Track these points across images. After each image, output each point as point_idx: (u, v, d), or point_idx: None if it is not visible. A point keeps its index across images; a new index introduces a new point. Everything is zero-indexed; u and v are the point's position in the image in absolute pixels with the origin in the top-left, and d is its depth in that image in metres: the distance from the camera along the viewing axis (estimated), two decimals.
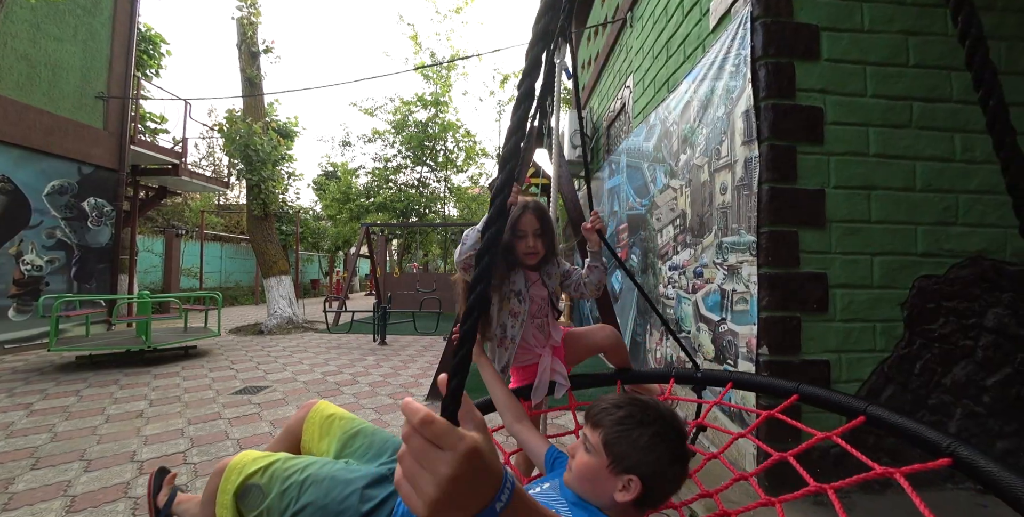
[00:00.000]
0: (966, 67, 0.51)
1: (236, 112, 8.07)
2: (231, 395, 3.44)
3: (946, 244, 1.92)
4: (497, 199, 0.39)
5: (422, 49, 15.16)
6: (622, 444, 0.68)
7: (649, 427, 0.69)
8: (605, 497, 0.68)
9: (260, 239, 7.78)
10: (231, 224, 15.69)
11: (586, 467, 0.70)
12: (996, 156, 0.51)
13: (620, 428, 0.69)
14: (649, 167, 3.35)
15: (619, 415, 0.70)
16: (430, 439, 0.33)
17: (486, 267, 0.39)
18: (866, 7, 1.92)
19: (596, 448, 0.69)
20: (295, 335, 6.85)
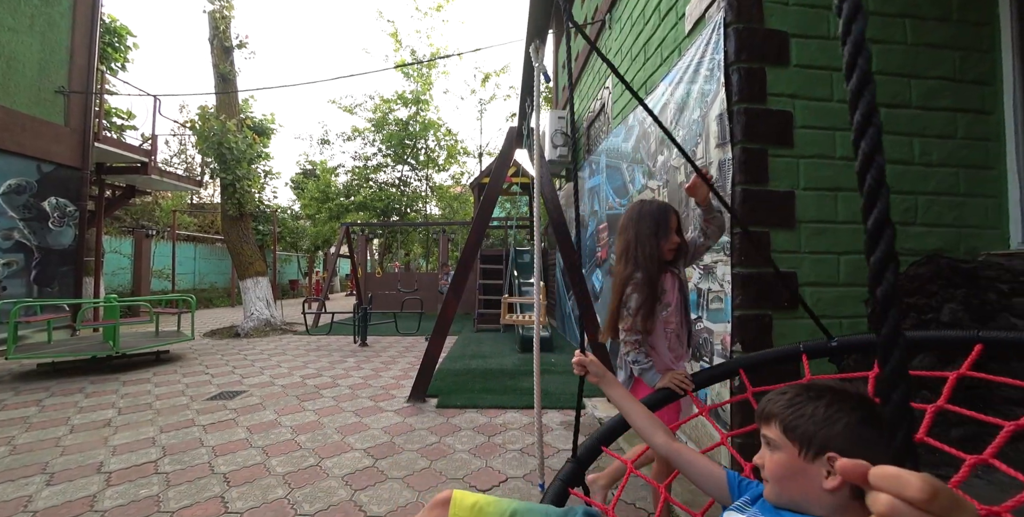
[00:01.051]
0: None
1: (209, 109, 7.82)
2: (206, 401, 3.35)
3: (906, 243, 2.01)
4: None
5: (402, 46, 14.99)
6: (802, 424, 0.62)
7: (821, 398, 0.63)
8: (816, 494, 0.60)
9: (235, 239, 7.56)
10: (205, 224, 15.19)
11: (779, 466, 0.63)
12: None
13: (792, 409, 0.64)
14: (628, 167, 3.40)
15: (786, 398, 0.66)
16: (940, 508, 0.26)
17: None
18: (832, 16, 1.98)
19: (779, 441, 0.64)
20: (273, 337, 6.70)
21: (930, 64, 2.03)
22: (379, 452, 2.40)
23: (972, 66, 2.06)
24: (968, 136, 2.05)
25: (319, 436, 2.63)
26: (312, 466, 2.23)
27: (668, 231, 1.39)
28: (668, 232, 1.39)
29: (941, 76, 2.04)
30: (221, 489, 1.99)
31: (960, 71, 2.05)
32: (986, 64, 2.06)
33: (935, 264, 2.02)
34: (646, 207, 1.44)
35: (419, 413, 3.06)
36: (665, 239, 1.38)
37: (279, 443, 2.52)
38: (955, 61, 2.05)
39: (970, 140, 2.05)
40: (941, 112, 2.04)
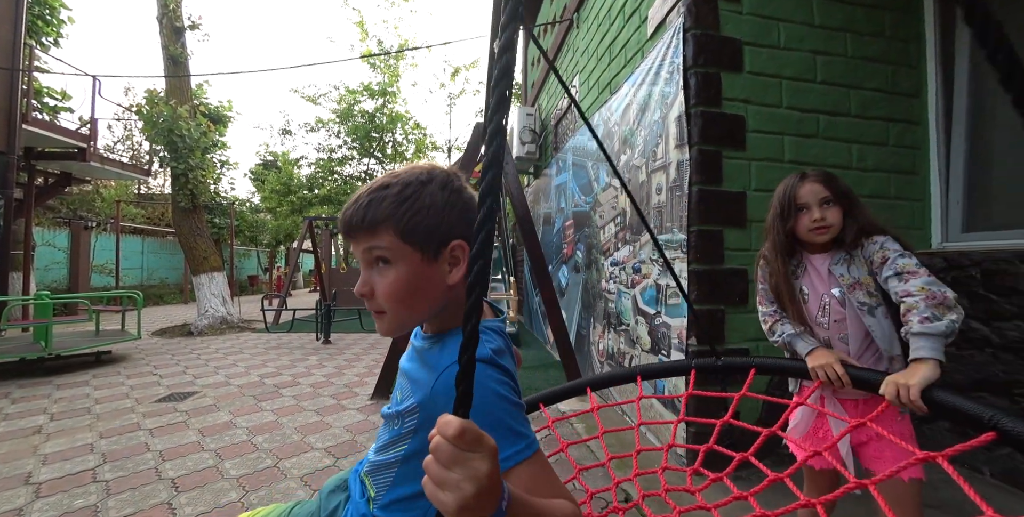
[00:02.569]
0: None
1: (158, 93, 7.31)
2: (153, 403, 3.16)
3: None
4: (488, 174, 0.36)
5: (369, 36, 14.54)
6: (423, 220, 0.54)
7: (427, 185, 0.56)
8: (440, 295, 0.57)
9: (188, 233, 7.14)
10: (154, 216, 14.23)
11: (403, 282, 0.54)
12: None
13: (407, 206, 0.54)
14: (593, 166, 3.47)
15: (392, 195, 0.54)
16: (466, 443, 0.34)
17: (480, 270, 0.35)
18: (782, 27, 2.10)
19: (396, 251, 0.54)
20: (229, 336, 6.39)
21: (867, 76, 2.19)
22: (340, 451, 2.35)
23: (903, 79, 2.24)
24: (898, 144, 2.23)
25: (277, 436, 2.55)
26: (269, 467, 2.15)
27: (802, 207, 1.11)
28: (803, 207, 1.11)
29: (876, 88, 2.20)
30: (168, 495, 1.90)
31: (892, 84, 2.22)
32: (914, 78, 2.25)
33: None
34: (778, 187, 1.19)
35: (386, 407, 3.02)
36: (801, 216, 1.11)
37: (234, 445, 2.42)
38: (888, 74, 2.22)
39: (900, 147, 2.23)
40: (876, 121, 2.21)
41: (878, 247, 1.04)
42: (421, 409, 0.56)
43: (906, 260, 0.98)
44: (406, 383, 0.61)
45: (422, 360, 0.60)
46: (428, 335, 0.62)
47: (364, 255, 0.56)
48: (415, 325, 0.60)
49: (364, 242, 0.55)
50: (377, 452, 0.64)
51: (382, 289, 0.55)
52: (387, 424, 0.63)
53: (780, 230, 1.14)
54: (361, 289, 0.56)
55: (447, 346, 0.57)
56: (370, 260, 0.56)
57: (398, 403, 0.61)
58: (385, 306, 0.55)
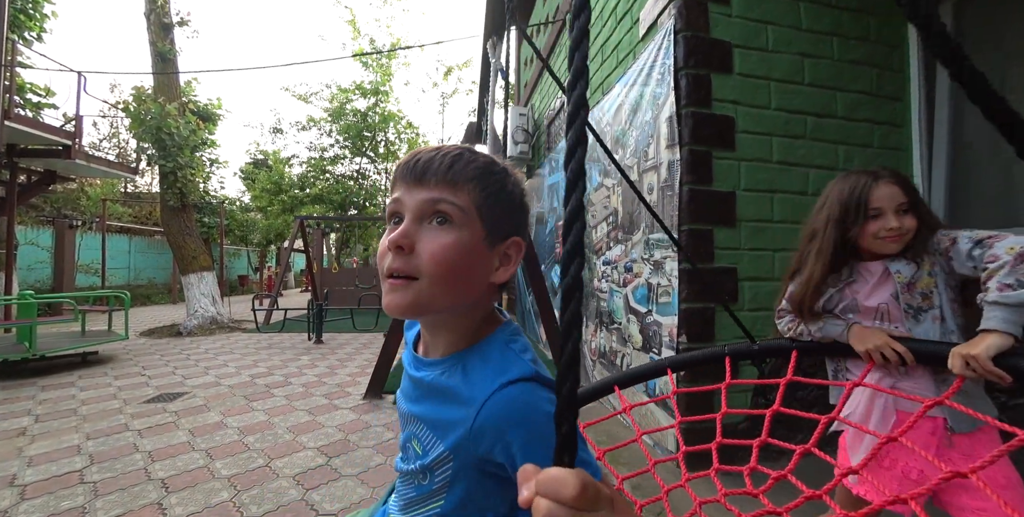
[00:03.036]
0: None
1: (145, 90, 7.20)
2: (142, 404, 3.12)
3: None
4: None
5: (361, 35, 14.46)
6: (501, 202, 0.50)
7: (509, 175, 0.52)
8: (478, 290, 0.49)
9: (177, 232, 7.04)
10: (142, 215, 14.00)
11: (458, 250, 0.46)
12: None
13: (495, 180, 0.49)
14: (585, 165, 3.49)
15: (481, 163, 0.49)
16: (589, 502, 0.25)
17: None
18: (770, 29, 2.14)
19: (466, 215, 0.47)
20: (220, 336, 6.32)
21: (852, 79, 2.24)
22: (333, 450, 2.35)
23: (887, 83, 2.29)
24: (883, 146, 2.28)
25: (269, 436, 2.53)
26: (261, 467, 2.14)
27: (876, 212, 0.96)
28: (876, 214, 0.96)
29: (861, 90, 2.25)
30: (158, 495, 1.88)
31: (877, 87, 2.27)
32: (898, 82, 2.30)
33: None
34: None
35: (375, 410, 3.01)
36: (871, 223, 0.97)
37: (225, 445, 2.40)
38: (873, 78, 2.27)
39: (885, 149, 2.28)
40: (862, 123, 2.26)
41: (945, 237, 0.91)
42: (456, 455, 0.47)
43: (979, 231, 0.87)
44: (423, 429, 0.52)
45: (440, 394, 0.50)
46: (436, 360, 0.52)
47: (423, 205, 0.46)
48: (435, 310, 0.47)
49: (435, 191, 0.46)
50: (403, 511, 0.55)
51: (432, 247, 0.45)
52: (408, 479, 0.54)
53: (834, 236, 0.99)
54: (402, 239, 0.44)
55: (474, 369, 0.48)
56: (428, 212, 0.46)
57: (420, 456, 0.51)
58: (424, 269, 0.44)
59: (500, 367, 0.47)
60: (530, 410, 0.43)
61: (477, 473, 0.47)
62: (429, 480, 0.51)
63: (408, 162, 0.48)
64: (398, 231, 0.45)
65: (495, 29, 2.72)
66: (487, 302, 0.51)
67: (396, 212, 0.48)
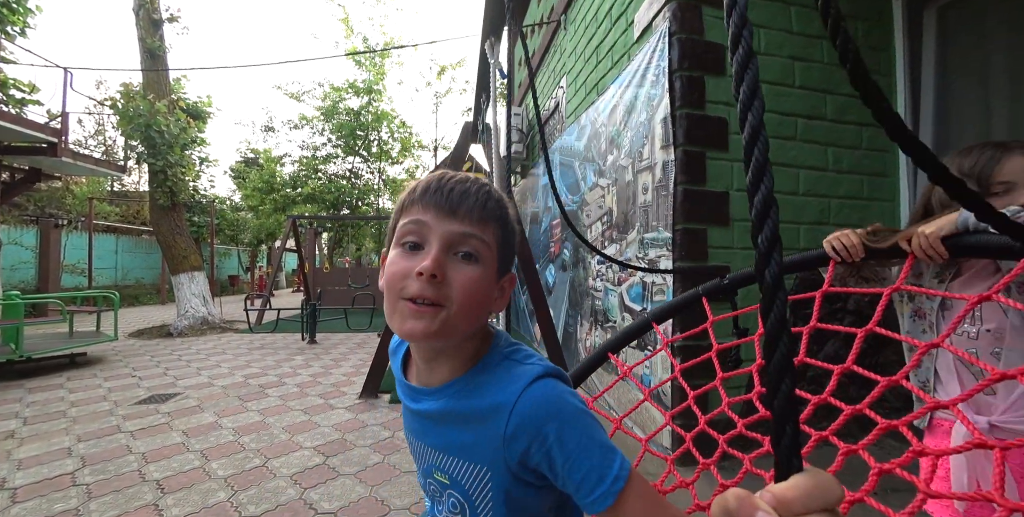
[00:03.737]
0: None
1: (134, 87, 7.09)
2: (133, 405, 3.08)
3: (821, 241, 2.26)
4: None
5: (354, 33, 14.37)
6: (510, 238, 0.52)
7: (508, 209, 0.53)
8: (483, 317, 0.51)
9: (166, 231, 6.95)
10: (129, 214, 13.77)
11: (479, 283, 0.48)
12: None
13: (509, 216, 0.52)
14: (580, 165, 3.52)
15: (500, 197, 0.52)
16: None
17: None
18: (762, 33, 2.18)
19: (489, 251, 0.49)
20: (211, 336, 6.25)
21: (841, 82, 2.29)
22: (330, 449, 2.34)
23: None
24: (870, 147, 2.34)
25: (265, 436, 2.52)
26: (257, 467, 2.14)
27: (1001, 189, 0.81)
28: (1002, 190, 0.81)
29: (850, 93, 2.30)
30: (154, 496, 1.87)
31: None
32: (885, 85, 2.36)
33: None
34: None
35: (371, 409, 3.01)
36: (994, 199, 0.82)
37: (220, 445, 2.39)
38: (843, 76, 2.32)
39: (872, 151, 2.34)
40: (850, 125, 2.31)
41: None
42: (493, 470, 0.48)
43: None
44: (445, 458, 0.52)
45: (457, 418, 0.50)
46: (438, 388, 0.51)
47: (455, 238, 0.46)
48: (455, 336, 0.47)
49: (468, 226, 0.47)
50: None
51: (463, 279, 0.46)
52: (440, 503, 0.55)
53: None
54: (436, 268, 0.44)
55: (487, 385, 0.49)
56: (456, 248, 0.46)
57: (449, 484, 0.52)
58: (455, 298, 0.45)
59: (514, 375, 0.48)
60: (559, 402, 0.45)
61: (515, 484, 0.48)
62: (469, 508, 0.50)
63: (440, 189, 0.47)
64: (433, 259, 0.44)
65: (493, 29, 2.74)
66: (481, 330, 0.53)
67: (420, 237, 0.47)
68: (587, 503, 0.43)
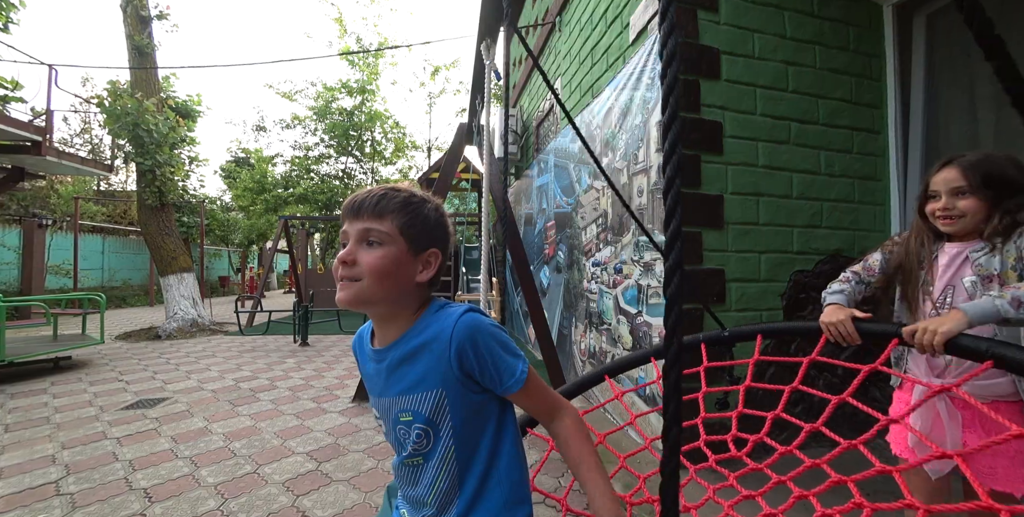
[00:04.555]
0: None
1: (121, 84, 6.97)
2: (120, 411, 3.02)
3: (813, 243, 2.28)
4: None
5: (347, 33, 14.28)
6: (418, 223, 0.67)
7: (427, 203, 0.69)
8: (407, 286, 0.67)
9: (155, 232, 6.84)
10: (116, 214, 13.54)
11: (388, 260, 0.64)
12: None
13: (410, 209, 0.66)
14: (575, 167, 3.52)
15: (401, 198, 0.67)
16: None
17: None
18: (756, 37, 2.19)
19: (391, 236, 0.65)
20: (201, 339, 6.16)
21: (833, 86, 2.32)
22: (323, 455, 2.31)
23: (865, 91, 2.37)
24: (861, 151, 2.36)
25: (256, 442, 2.48)
26: (248, 474, 2.10)
27: (933, 194, 1.06)
28: (933, 195, 1.06)
29: (841, 98, 2.33)
30: (141, 506, 1.82)
31: (856, 95, 2.35)
32: (875, 90, 2.39)
33: (836, 262, 2.31)
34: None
35: (365, 413, 2.98)
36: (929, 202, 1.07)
37: (210, 452, 2.35)
38: (852, 85, 2.35)
39: (863, 155, 2.37)
40: (841, 129, 2.33)
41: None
42: (446, 387, 0.65)
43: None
44: (405, 399, 0.67)
45: (410, 358, 0.67)
46: (393, 342, 0.68)
47: (360, 233, 0.64)
48: (372, 303, 0.65)
49: (367, 223, 0.64)
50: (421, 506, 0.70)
51: (368, 260, 0.63)
52: (410, 469, 0.69)
53: (919, 212, 1.10)
54: (346, 256, 0.64)
55: (429, 326, 0.66)
56: (363, 239, 0.65)
57: (413, 419, 0.66)
58: (364, 274, 0.63)
59: (445, 315, 0.66)
60: (480, 325, 0.64)
61: (463, 393, 0.65)
62: (432, 430, 0.66)
63: (349, 203, 0.67)
64: (344, 251, 0.65)
65: (488, 30, 2.72)
66: (418, 296, 0.69)
67: (344, 238, 0.67)
68: (503, 388, 0.65)
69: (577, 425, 0.70)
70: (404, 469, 0.70)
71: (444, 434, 0.65)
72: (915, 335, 0.86)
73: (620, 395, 1.27)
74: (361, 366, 0.77)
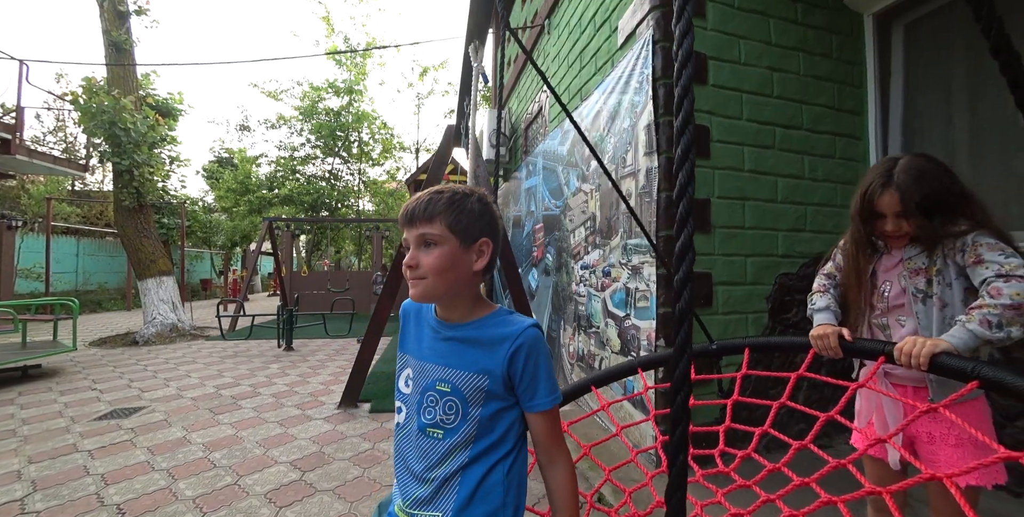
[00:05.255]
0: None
1: (97, 81, 6.75)
2: (92, 422, 2.90)
3: (798, 247, 2.31)
4: None
5: (335, 32, 14.13)
6: (463, 218, 0.72)
7: (470, 197, 0.74)
8: (466, 276, 0.74)
9: (133, 234, 6.63)
10: (92, 215, 13.12)
11: (445, 258, 0.70)
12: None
13: (454, 207, 0.72)
14: (563, 170, 3.52)
15: (445, 199, 0.73)
16: None
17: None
18: (742, 43, 2.22)
19: (443, 236, 0.71)
20: (180, 344, 5.99)
21: (816, 93, 2.36)
22: (307, 464, 2.25)
23: (847, 98, 2.42)
24: (844, 156, 2.41)
25: (237, 452, 2.41)
26: (229, 485, 2.03)
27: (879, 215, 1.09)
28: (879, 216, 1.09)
29: (824, 104, 2.37)
30: None
31: (838, 101, 2.40)
32: (857, 97, 2.44)
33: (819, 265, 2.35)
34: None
35: (351, 419, 2.92)
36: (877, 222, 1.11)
37: (189, 463, 2.27)
38: (835, 92, 2.39)
39: (845, 160, 2.41)
40: (825, 135, 2.37)
41: (969, 244, 0.98)
42: (490, 376, 0.72)
43: (1013, 261, 0.92)
44: (451, 371, 0.73)
45: (471, 343, 0.74)
46: (461, 323, 0.76)
47: (417, 238, 0.72)
48: (441, 296, 0.73)
49: (421, 228, 0.71)
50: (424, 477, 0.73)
51: (428, 261, 0.70)
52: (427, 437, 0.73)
53: (859, 226, 1.15)
54: (410, 261, 0.71)
55: (496, 326, 0.74)
56: (420, 242, 0.72)
57: (449, 392, 0.73)
58: (427, 274, 0.71)
59: (514, 321, 0.75)
60: (539, 342, 0.73)
61: (499, 386, 0.72)
62: (462, 406, 0.72)
63: (403, 213, 0.74)
64: (409, 256, 0.73)
65: (477, 32, 2.71)
66: (475, 283, 0.77)
67: (406, 244, 0.75)
68: (531, 404, 0.73)
69: (570, 481, 0.74)
70: (421, 439, 0.73)
71: (471, 417, 0.71)
72: (904, 350, 0.89)
73: (607, 406, 1.29)
74: (409, 327, 0.83)
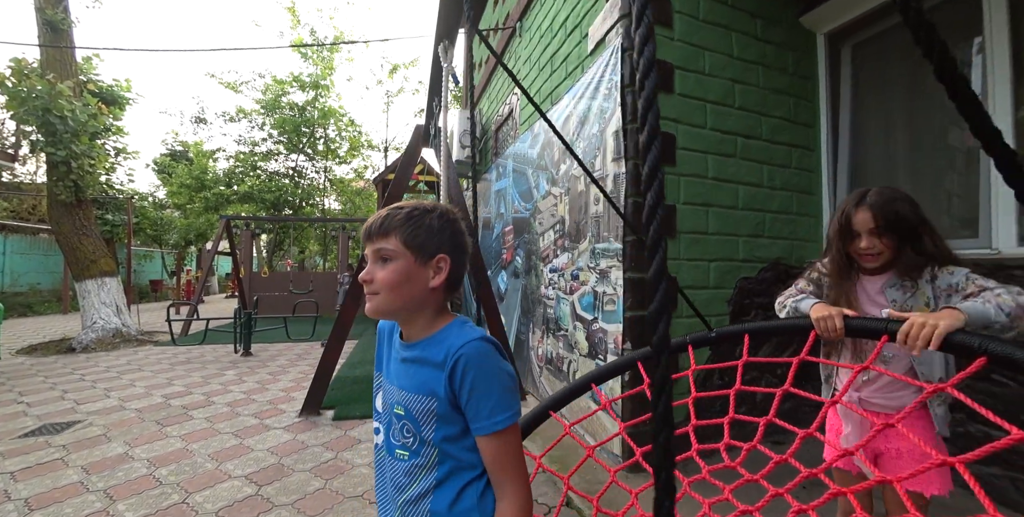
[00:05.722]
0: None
1: (29, 63, 6.18)
2: (17, 439, 2.64)
3: (757, 252, 2.41)
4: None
5: (301, 24, 13.63)
6: (420, 235, 0.71)
7: (429, 213, 0.73)
8: (421, 293, 0.72)
9: (69, 231, 6.12)
10: (23, 209, 12.02)
11: (398, 273, 0.70)
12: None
13: (410, 223, 0.72)
14: (533, 173, 3.53)
15: (403, 214, 0.72)
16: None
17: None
18: (706, 54, 2.29)
19: (398, 251, 0.71)
20: (125, 351, 5.57)
21: (775, 105, 2.47)
22: (264, 477, 2.14)
23: (802, 111, 2.55)
24: (799, 167, 2.54)
25: (186, 467, 2.25)
26: (176, 504, 1.89)
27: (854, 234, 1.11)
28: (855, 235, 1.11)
29: (782, 117, 2.49)
30: None
31: (794, 114, 2.53)
32: (810, 110, 2.57)
33: (777, 269, 2.46)
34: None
35: (313, 428, 2.80)
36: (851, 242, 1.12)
37: (130, 481, 2.10)
38: (791, 105, 2.52)
39: (800, 170, 2.54)
40: (782, 146, 2.49)
41: (963, 279, 0.99)
42: (436, 398, 0.69)
43: (1013, 287, 0.94)
44: (406, 395, 0.72)
45: (422, 362, 0.72)
46: (416, 342, 0.74)
47: (374, 253, 0.72)
48: (395, 312, 0.73)
49: (377, 243, 0.72)
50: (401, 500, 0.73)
51: (381, 276, 0.70)
52: (395, 461, 0.74)
53: (839, 248, 1.14)
54: (365, 276, 0.71)
55: (444, 341, 0.71)
56: (377, 257, 0.72)
57: (403, 416, 0.72)
58: (380, 289, 0.70)
59: (463, 334, 0.70)
60: (484, 357, 0.68)
61: (447, 406, 0.69)
62: (416, 430, 0.71)
63: (364, 228, 0.75)
64: (365, 271, 0.72)
65: (447, 32, 2.66)
66: (434, 300, 0.74)
67: (365, 258, 0.76)
68: (474, 426, 0.68)
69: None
70: (392, 461, 0.74)
71: (428, 440, 0.70)
72: (911, 330, 0.85)
73: (568, 428, 1.29)
74: (383, 347, 0.83)
